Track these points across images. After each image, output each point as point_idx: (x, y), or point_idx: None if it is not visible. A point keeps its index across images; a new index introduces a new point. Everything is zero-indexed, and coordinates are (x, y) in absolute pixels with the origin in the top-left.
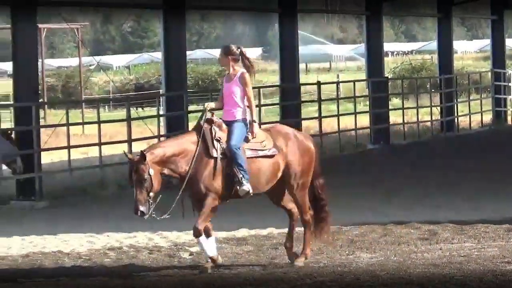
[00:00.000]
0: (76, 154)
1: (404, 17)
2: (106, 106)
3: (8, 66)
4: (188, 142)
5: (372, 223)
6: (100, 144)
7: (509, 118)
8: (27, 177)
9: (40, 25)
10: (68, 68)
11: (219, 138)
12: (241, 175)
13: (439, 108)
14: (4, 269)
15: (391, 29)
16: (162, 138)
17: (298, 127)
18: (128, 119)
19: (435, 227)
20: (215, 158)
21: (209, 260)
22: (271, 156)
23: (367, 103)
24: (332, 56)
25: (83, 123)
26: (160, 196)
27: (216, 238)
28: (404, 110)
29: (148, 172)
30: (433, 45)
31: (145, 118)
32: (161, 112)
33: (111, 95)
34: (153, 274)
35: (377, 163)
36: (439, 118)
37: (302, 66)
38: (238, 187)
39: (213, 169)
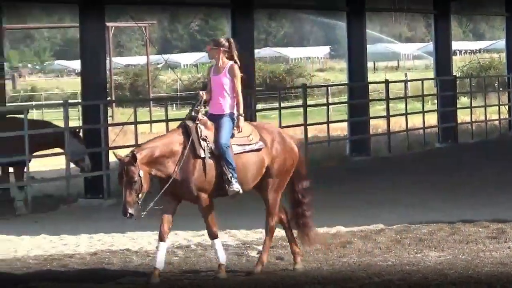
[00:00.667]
0: None
1: (472, 16)
2: (174, 105)
3: (76, 64)
4: (175, 142)
5: (440, 222)
6: None
7: None
8: (95, 175)
9: (108, 24)
10: (135, 66)
11: (206, 137)
12: (230, 174)
13: (507, 106)
14: (71, 268)
15: (459, 27)
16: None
17: (366, 125)
18: None
19: (503, 225)
20: (203, 158)
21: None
22: (258, 150)
23: (435, 101)
24: (399, 55)
25: (151, 122)
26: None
27: (168, 246)
28: (472, 109)
29: (138, 173)
30: (501, 43)
31: None
32: None
33: (178, 93)
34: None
35: (444, 162)
36: (507, 117)
37: (370, 64)
38: (227, 186)
39: (202, 169)
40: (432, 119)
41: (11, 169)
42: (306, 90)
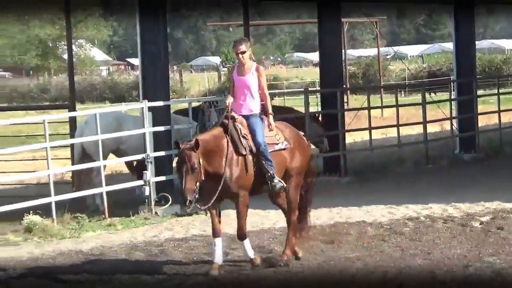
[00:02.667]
0: (376, 134)
1: None
2: (402, 92)
3: (313, 56)
4: (220, 139)
5: None
6: (398, 125)
7: None
8: (333, 155)
9: (342, 19)
10: (367, 57)
11: (245, 135)
12: (272, 171)
13: None
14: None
15: None
16: (454, 121)
17: None
18: (423, 103)
19: None
20: (244, 156)
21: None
22: (284, 149)
23: None
24: None
25: (382, 107)
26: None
27: (223, 239)
28: None
29: (199, 161)
30: None
31: (438, 102)
32: (452, 97)
33: (406, 81)
34: (445, 243)
35: None
36: None
37: None
38: (270, 182)
39: (244, 166)
40: None
41: None
42: None
